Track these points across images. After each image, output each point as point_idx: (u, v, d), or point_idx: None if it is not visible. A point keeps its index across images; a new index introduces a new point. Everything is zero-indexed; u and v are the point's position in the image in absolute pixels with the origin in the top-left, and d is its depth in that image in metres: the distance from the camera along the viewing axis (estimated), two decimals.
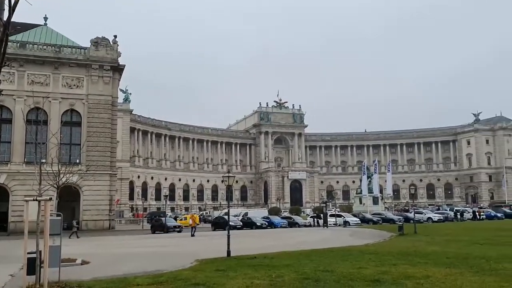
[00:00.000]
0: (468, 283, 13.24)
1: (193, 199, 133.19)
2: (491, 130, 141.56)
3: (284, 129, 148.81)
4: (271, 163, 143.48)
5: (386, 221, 58.83)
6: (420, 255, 20.81)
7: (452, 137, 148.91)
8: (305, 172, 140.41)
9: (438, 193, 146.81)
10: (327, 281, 14.05)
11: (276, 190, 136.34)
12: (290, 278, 14.66)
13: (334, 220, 55.96)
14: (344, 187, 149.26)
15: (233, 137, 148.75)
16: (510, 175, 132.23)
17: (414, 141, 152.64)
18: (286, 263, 18.66)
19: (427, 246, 25.64)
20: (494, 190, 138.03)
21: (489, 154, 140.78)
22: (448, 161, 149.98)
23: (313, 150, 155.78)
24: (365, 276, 14.85)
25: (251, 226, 53.69)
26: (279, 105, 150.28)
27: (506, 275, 14.61)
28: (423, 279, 14.08)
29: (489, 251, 22.00)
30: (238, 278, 14.99)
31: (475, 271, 15.50)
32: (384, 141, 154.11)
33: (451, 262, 18.12)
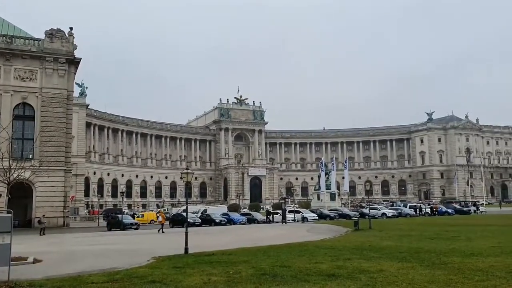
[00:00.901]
0: (419, 277, 13.73)
1: (150, 196, 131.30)
2: (443, 129, 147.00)
3: (245, 126, 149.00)
4: (231, 160, 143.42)
5: (342, 217, 60.02)
6: (375, 250, 21.38)
7: (406, 136, 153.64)
8: (265, 169, 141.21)
9: (392, 189, 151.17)
10: (284, 276, 14.22)
11: (236, 186, 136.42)
12: (248, 274, 14.75)
13: (292, 216, 56.54)
14: (303, 183, 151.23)
15: (192, 133, 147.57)
16: (461, 172, 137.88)
17: (370, 139, 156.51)
18: (244, 259, 18.75)
19: (381, 241, 26.37)
20: (445, 187, 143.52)
21: (441, 152, 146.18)
22: (402, 158, 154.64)
23: (273, 147, 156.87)
24: (321, 270, 15.14)
25: (210, 223, 53.57)
26: (239, 102, 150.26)
27: (455, 268, 15.24)
28: (377, 273, 14.49)
29: (439, 245, 22.87)
30: (196, 275, 14.95)
31: (426, 265, 16.09)
32: (341, 138, 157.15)
33: (403, 256, 18.72)
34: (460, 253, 19.39)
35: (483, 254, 18.86)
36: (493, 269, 14.70)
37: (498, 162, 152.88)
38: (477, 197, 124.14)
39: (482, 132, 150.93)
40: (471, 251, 19.95)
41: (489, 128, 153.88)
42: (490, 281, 12.80)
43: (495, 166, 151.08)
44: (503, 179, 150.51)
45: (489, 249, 20.48)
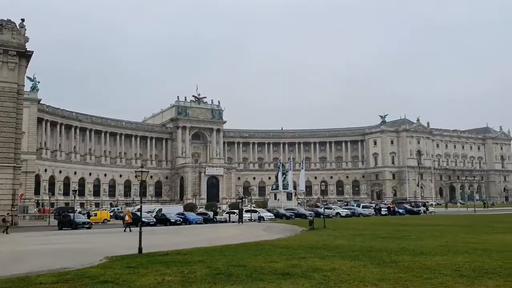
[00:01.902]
0: (370, 275, 14.09)
1: (104, 195, 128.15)
2: (396, 131, 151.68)
3: (203, 125, 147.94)
4: (188, 159, 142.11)
5: (298, 216, 60.71)
6: (328, 249, 21.77)
7: (361, 137, 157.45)
8: (223, 168, 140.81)
9: (346, 189, 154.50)
10: (239, 275, 14.25)
11: (193, 186, 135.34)
12: (202, 274, 14.68)
13: (249, 215, 56.72)
14: (261, 183, 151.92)
15: (148, 131, 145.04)
16: (412, 174, 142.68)
17: (326, 140, 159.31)
18: (199, 259, 18.64)
19: (335, 240, 26.88)
20: (397, 188, 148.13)
21: (393, 154, 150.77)
22: (356, 159, 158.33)
23: (231, 146, 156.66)
24: (276, 269, 15.27)
25: (165, 223, 52.92)
26: (197, 100, 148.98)
27: (404, 266, 15.74)
28: (330, 271, 14.77)
29: (390, 244, 23.55)
30: (149, 275, 14.73)
31: (377, 263, 16.52)
32: (299, 139, 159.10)
33: (356, 255, 19.15)
34: (410, 252, 20.02)
35: (431, 253, 19.56)
36: (440, 267, 15.27)
37: (447, 165, 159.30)
38: (427, 198, 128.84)
39: (432, 135, 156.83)
40: (420, 250, 20.64)
41: (439, 132, 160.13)
42: (437, 278, 13.29)
43: (444, 168, 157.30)
44: (451, 181, 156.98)
45: (437, 248, 21.27)
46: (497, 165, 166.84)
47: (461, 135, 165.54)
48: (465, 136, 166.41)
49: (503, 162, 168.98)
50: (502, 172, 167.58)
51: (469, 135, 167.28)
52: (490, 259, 17.03)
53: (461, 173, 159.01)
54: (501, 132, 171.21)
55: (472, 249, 20.43)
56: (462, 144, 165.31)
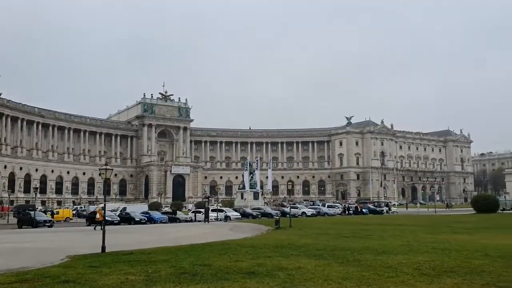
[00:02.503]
0: (334, 273, 14.28)
1: (67, 193, 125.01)
2: (361, 133, 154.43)
3: (169, 123, 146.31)
4: (153, 157, 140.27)
5: (265, 216, 60.88)
6: (294, 248, 21.93)
7: (327, 138, 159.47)
8: (189, 167, 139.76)
9: (312, 189, 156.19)
10: (204, 274, 14.18)
11: (158, 184, 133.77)
12: (167, 273, 14.53)
13: (215, 215, 56.51)
14: (228, 182, 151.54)
15: (113, 128, 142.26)
16: (375, 174, 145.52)
17: (294, 140, 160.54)
18: (164, 258, 18.46)
19: (300, 239, 27.11)
20: (361, 188, 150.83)
21: (358, 155, 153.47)
22: (322, 160, 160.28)
23: (198, 145, 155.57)
24: (241, 268, 15.27)
25: (130, 221, 52.11)
26: (164, 98, 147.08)
27: (367, 265, 16.03)
28: (295, 270, 14.88)
29: (354, 243, 23.94)
30: (112, 274, 14.47)
31: (341, 262, 16.77)
32: (266, 139, 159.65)
33: (320, 254, 19.37)
34: (372, 251, 20.40)
35: (393, 252, 19.98)
36: (401, 266, 15.63)
37: (409, 166, 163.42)
38: (389, 198, 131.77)
39: (395, 137, 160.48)
40: (382, 249, 21.05)
41: (402, 134, 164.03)
42: (398, 277, 13.60)
43: (406, 169, 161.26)
44: (413, 182, 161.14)
45: (399, 248, 21.75)
46: (457, 167, 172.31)
47: (423, 138, 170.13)
48: (427, 139, 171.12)
49: (463, 164, 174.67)
50: (461, 174, 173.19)
51: (431, 138, 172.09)
52: (449, 258, 17.55)
53: (423, 174, 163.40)
54: (461, 135, 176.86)
55: (432, 249, 21.00)
56: (424, 146, 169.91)
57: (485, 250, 19.89)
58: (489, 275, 13.67)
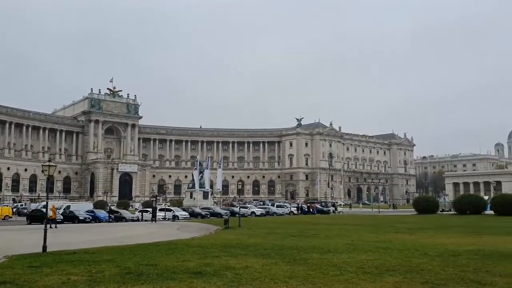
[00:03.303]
0: (281, 272, 14.44)
1: (6, 190, 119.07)
2: (310, 134, 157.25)
3: (117, 119, 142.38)
4: (100, 154, 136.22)
5: (214, 215, 60.75)
6: (242, 247, 22.00)
7: (278, 139, 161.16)
8: (137, 165, 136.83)
9: (262, 189, 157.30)
10: (149, 274, 13.95)
11: (104, 182, 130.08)
12: (111, 273, 14.17)
13: (163, 214, 55.75)
14: (177, 181, 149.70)
15: (58, 123, 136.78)
16: (323, 175, 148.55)
17: (245, 140, 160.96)
18: (108, 258, 17.99)
19: (249, 238, 27.23)
20: (309, 188, 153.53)
21: (307, 156, 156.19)
22: (273, 160, 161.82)
23: (146, 143, 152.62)
24: (188, 268, 15.14)
25: (73, 220, 50.50)
26: (112, 93, 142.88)
27: (313, 264, 16.33)
28: (242, 269, 14.93)
29: (301, 242, 24.33)
30: (54, 274, 13.93)
31: (288, 261, 16.99)
32: (217, 138, 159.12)
33: (268, 253, 19.54)
34: (319, 250, 20.81)
35: (338, 251, 20.48)
36: (346, 265, 16.04)
37: (355, 167, 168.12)
38: (336, 198, 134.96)
39: (343, 139, 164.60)
40: (328, 248, 21.53)
41: (349, 136, 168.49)
42: (343, 275, 13.94)
43: (352, 170, 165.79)
44: (359, 183, 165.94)
45: (343, 246, 22.32)
46: (400, 169, 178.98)
47: (369, 140, 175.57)
48: (373, 141, 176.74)
49: (405, 166, 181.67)
50: (404, 176, 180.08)
51: (376, 140, 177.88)
52: (391, 257, 18.17)
53: (368, 175, 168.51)
54: (405, 138, 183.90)
55: (375, 248, 21.69)
56: (370, 148, 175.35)
57: (425, 250, 20.77)
58: (428, 273, 14.28)
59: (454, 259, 17.53)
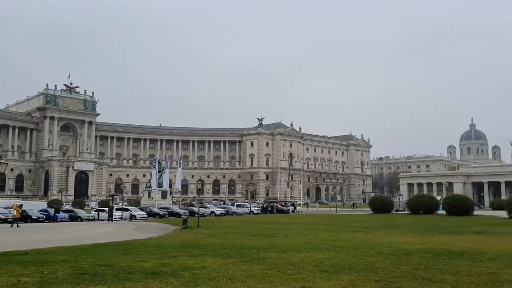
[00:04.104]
0: (239, 272, 14.45)
1: None
2: (271, 134, 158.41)
3: (73, 116, 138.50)
4: (55, 152, 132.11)
5: (172, 215, 60.09)
6: (200, 247, 21.86)
7: (239, 138, 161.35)
8: (93, 163, 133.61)
9: (222, 188, 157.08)
10: (105, 275, 13.65)
11: (59, 181, 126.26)
12: (65, 274, 13.77)
13: (120, 214, 54.77)
14: (134, 180, 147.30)
15: (11, 119, 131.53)
16: (283, 175, 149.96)
17: (205, 139, 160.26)
18: (62, 258, 17.47)
19: (207, 238, 27.10)
20: (269, 188, 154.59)
21: (268, 156, 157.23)
22: (233, 159, 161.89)
23: (104, 141, 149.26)
24: (145, 269, 14.92)
25: (26, 220, 48.71)
26: (69, 90, 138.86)
27: (271, 263, 16.42)
28: (200, 269, 14.83)
29: (260, 242, 24.43)
30: (3, 276, 13.39)
31: (246, 261, 17.00)
32: (177, 136, 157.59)
33: (226, 253, 19.51)
34: (277, 249, 20.95)
35: (296, 250, 20.69)
36: (303, 263, 16.22)
37: (315, 167, 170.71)
38: (296, 198, 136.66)
39: (303, 140, 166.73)
40: (286, 247, 21.71)
41: (309, 137, 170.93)
42: (300, 274, 14.09)
43: (312, 170, 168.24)
44: (317, 183, 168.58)
45: (301, 245, 22.57)
46: (358, 170, 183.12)
47: (328, 141, 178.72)
48: (332, 142, 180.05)
49: (362, 167, 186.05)
50: (361, 176, 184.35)
51: (335, 141, 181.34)
52: (347, 256, 18.53)
53: (327, 175, 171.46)
54: (362, 140, 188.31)
55: (332, 246, 22.06)
56: (329, 149, 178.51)
57: (379, 248, 21.30)
58: (382, 271, 14.64)
59: (407, 258, 18.05)
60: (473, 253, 19.49)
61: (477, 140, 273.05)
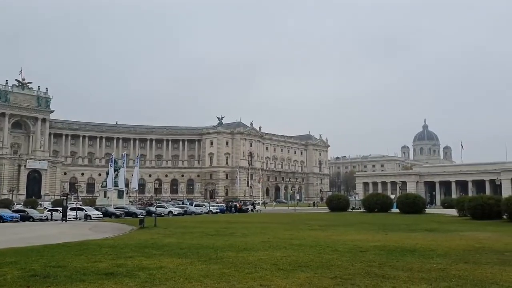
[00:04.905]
0: (196, 271, 14.38)
1: None
2: (231, 133, 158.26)
3: (26, 113, 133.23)
4: (6, 149, 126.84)
5: (129, 215, 59.10)
6: (157, 247, 21.60)
7: (198, 137, 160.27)
8: (47, 162, 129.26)
9: (181, 188, 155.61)
10: (57, 276, 13.26)
11: (10, 180, 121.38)
12: (14, 276, 13.28)
13: (74, 213, 53.33)
14: (90, 179, 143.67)
15: None
16: (243, 174, 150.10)
17: (164, 137, 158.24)
18: (11, 260, 16.83)
19: (164, 238, 26.79)
20: (229, 187, 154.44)
21: (228, 155, 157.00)
22: (192, 159, 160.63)
23: (58, 139, 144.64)
24: (100, 269, 14.62)
25: None
26: (21, 85, 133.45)
27: (229, 262, 16.44)
28: (157, 269, 14.66)
29: (218, 241, 24.39)
30: None
31: (204, 260, 16.94)
32: (134, 135, 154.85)
33: (184, 252, 19.36)
34: (235, 248, 20.98)
35: (254, 248, 20.78)
36: (261, 262, 16.32)
37: (274, 167, 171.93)
38: (255, 197, 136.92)
39: (263, 139, 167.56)
40: (244, 246, 21.77)
41: (269, 136, 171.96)
42: (257, 273, 14.17)
43: (271, 170, 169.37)
44: (277, 182, 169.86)
45: (259, 244, 22.69)
46: (316, 169, 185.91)
47: (287, 141, 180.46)
48: (291, 142, 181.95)
49: (320, 166, 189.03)
50: (319, 175, 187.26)
51: (294, 141, 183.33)
52: (304, 254, 18.80)
53: (286, 174, 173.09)
54: (320, 139, 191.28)
55: (289, 245, 22.31)
56: (288, 148, 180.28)
57: (335, 246, 21.73)
58: (337, 269, 14.94)
59: (362, 255, 18.50)
60: (424, 250, 20.20)
61: (429, 141, 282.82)
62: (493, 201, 46.12)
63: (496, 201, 46.10)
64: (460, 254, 18.66)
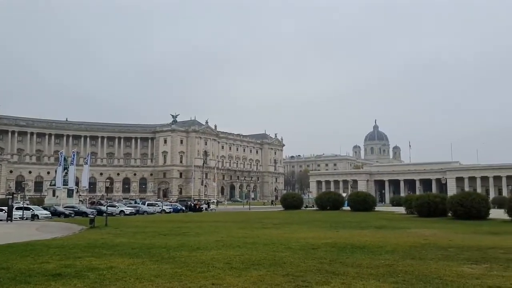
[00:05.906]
0: (147, 271, 14.18)
1: None
2: (186, 131, 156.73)
3: None
4: None
5: (79, 214, 57.55)
6: (107, 247, 21.13)
7: (151, 135, 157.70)
8: None
9: (133, 187, 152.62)
10: (0, 279, 12.71)
11: None
12: None
13: (21, 213, 51.27)
14: (38, 178, 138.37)
15: None
16: (198, 173, 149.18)
17: (115, 135, 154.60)
18: None
19: (115, 238, 26.24)
20: (183, 186, 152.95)
21: (182, 153, 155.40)
22: (145, 157, 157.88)
23: (3, 135, 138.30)
24: (47, 270, 14.15)
25: None
26: None
27: (181, 262, 16.31)
28: (107, 270, 14.35)
29: (170, 241, 24.13)
30: None
31: (156, 260, 16.73)
32: (85, 132, 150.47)
33: (135, 252, 19.04)
34: (188, 247, 20.83)
35: (207, 248, 20.72)
36: (214, 261, 16.30)
37: (230, 165, 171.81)
38: (210, 196, 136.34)
39: (218, 138, 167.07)
40: (197, 245, 21.66)
41: (224, 135, 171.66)
42: (210, 272, 14.15)
43: (226, 168, 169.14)
44: (232, 180, 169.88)
45: (213, 243, 22.65)
46: (271, 168, 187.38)
47: (243, 139, 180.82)
48: (247, 141, 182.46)
49: (275, 165, 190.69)
50: (274, 174, 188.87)
51: (250, 140, 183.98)
52: (257, 252, 18.93)
53: (241, 173, 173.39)
54: (275, 139, 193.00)
55: (243, 243, 22.39)
56: (244, 147, 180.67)
57: (288, 243, 22.01)
58: (290, 266, 15.16)
59: (313, 252, 18.85)
60: (373, 246, 20.83)
61: (379, 141, 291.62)
62: (439, 199, 48.15)
63: (441, 199, 48.15)
64: (407, 251, 19.37)
